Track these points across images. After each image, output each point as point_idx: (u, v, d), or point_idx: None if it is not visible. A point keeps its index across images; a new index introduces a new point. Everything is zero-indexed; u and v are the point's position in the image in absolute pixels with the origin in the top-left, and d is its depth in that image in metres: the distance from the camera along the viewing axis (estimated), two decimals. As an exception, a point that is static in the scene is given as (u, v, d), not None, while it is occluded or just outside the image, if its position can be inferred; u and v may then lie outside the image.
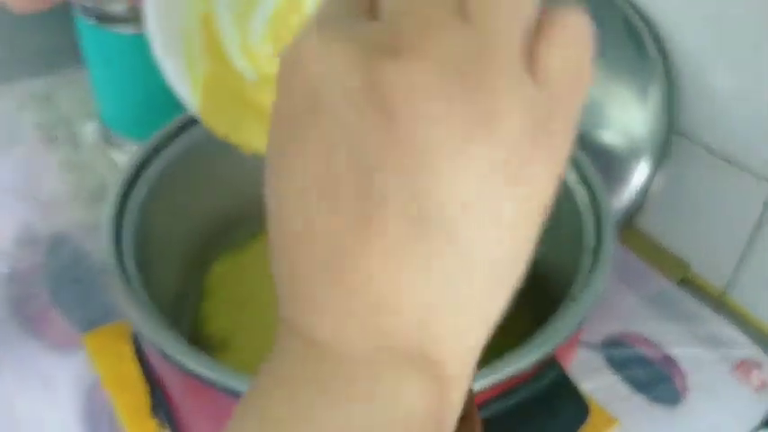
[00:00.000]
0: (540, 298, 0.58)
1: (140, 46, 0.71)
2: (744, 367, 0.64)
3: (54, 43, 0.87)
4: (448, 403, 0.23)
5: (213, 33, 0.37)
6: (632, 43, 0.67)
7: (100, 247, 0.49)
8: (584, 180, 0.54)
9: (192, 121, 0.58)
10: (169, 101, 0.63)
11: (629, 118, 0.66)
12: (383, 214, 0.21)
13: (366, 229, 0.21)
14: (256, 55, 0.37)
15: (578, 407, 0.45)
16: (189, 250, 0.60)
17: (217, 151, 0.59)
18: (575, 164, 0.56)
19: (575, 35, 0.22)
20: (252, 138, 0.38)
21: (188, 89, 0.37)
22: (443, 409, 0.23)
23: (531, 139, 0.21)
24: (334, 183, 0.21)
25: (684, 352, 0.65)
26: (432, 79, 0.20)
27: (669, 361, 0.64)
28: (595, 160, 0.56)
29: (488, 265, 0.22)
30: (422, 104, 0.20)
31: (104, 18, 0.71)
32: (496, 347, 0.58)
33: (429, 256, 0.21)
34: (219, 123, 0.38)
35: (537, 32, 0.21)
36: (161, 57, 0.36)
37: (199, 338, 0.58)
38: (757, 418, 0.61)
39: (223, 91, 0.38)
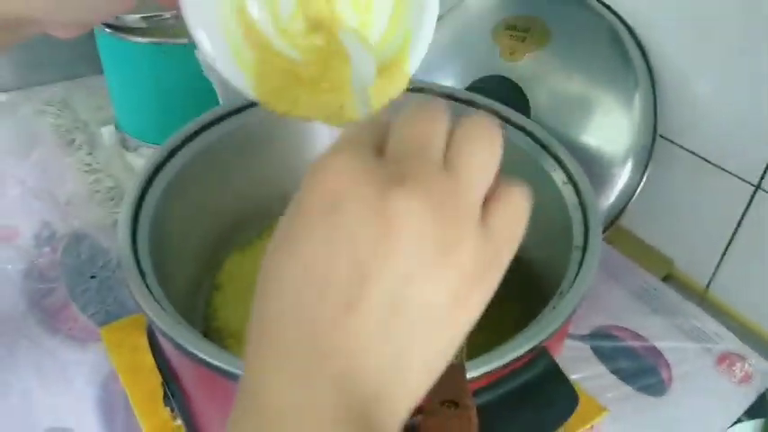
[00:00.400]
0: (531, 293, 0.59)
1: (155, 54, 0.74)
2: (727, 360, 0.65)
3: (73, 51, 0.88)
4: None
5: (249, 22, 0.39)
6: (616, 50, 0.68)
7: (116, 244, 0.49)
8: (572, 181, 0.55)
9: (204, 126, 0.59)
10: (182, 107, 0.65)
11: (614, 122, 0.67)
12: (366, 301, 0.26)
13: (350, 312, 0.26)
14: (291, 33, 0.39)
15: (568, 396, 0.46)
16: (201, 248, 0.60)
17: (228, 154, 0.61)
18: (563, 165, 0.56)
19: (516, 206, 0.29)
20: (309, 110, 0.40)
21: (241, 78, 0.39)
22: None
23: (475, 275, 0.28)
24: (331, 269, 0.27)
25: (669, 345, 0.66)
26: (422, 209, 0.26)
27: (655, 353, 0.65)
28: (583, 162, 0.56)
29: (428, 355, 0.28)
30: (413, 224, 0.26)
31: (121, 28, 0.72)
32: (491, 338, 0.60)
33: (393, 340, 0.27)
34: (278, 103, 0.40)
35: (490, 195, 0.29)
36: (212, 54, 0.38)
37: (210, 332, 0.58)
38: (740, 409, 0.62)
39: (274, 73, 0.39)
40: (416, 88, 0.64)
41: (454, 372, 0.41)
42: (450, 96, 0.64)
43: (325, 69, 0.39)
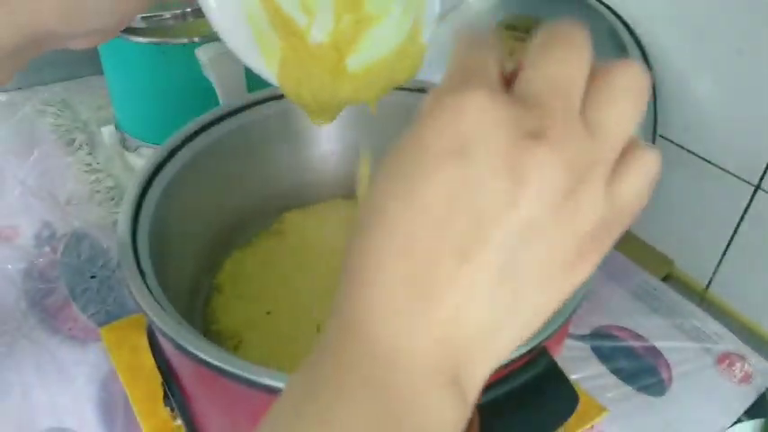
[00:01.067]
0: None
1: (155, 55, 0.74)
2: (727, 360, 0.65)
3: (73, 51, 0.88)
4: (461, 426, 0.27)
5: (274, 7, 0.39)
6: (616, 50, 0.68)
7: (116, 244, 0.49)
8: None
9: (204, 126, 0.59)
10: (183, 107, 0.65)
11: None
12: (482, 254, 0.25)
13: (465, 262, 0.25)
14: (313, 8, 0.39)
15: (568, 396, 0.46)
16: (201, 248, 0.60)
17: (228, 154, 0.61)
18: None
19: (646, 174, 0.27)
20: (338, 94, 0.40)
21: (262, 64, 0.39)
22: (459, 430, 0.27)
23: (592, 240, 0.26)
24: (450, 214, 0.25)
25: (669, 345, 0.66)
26: (556, 167, 0.25)
27: (655, 353, 0.65)
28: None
29: (526, 319, 0.27)
30: (544, 181, 0.25)
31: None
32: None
33: (499, 299, 0.26)
34: (301, 91, 0.40)
35: (623, 162, 0.27)
36: (228, 40, 0.38)
37: (210, 332, 0.58)
38: (740, 409, 0.62)
39: (301, 58, 0.39)
40: (416, 88, 0.65)
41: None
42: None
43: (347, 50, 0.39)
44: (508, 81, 0.27)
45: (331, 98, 0.41)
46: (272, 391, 0.40)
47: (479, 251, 0.25)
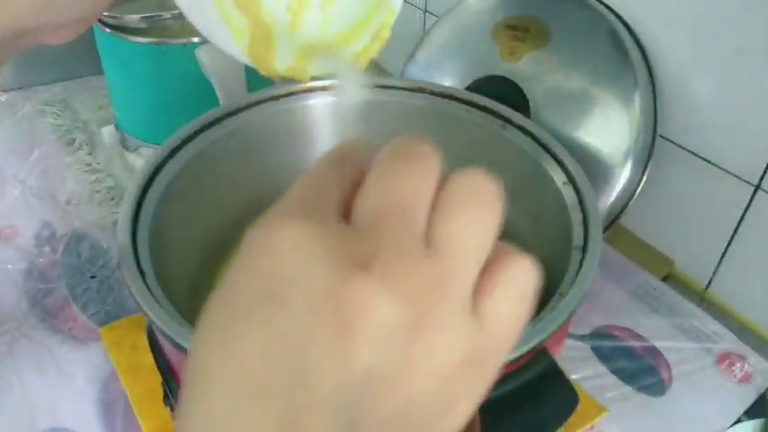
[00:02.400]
0: None
1: (155, 55, 0.74)
2: (727, 360, 0.65)
3: (73, 51, 0.89)
4: None
5: None
6: (616, 50, 0.68)
7: (116, 244, 0.49)
8: (572, 181, 0.55)
9: (204, 126, 0.59)
10: (182, 107, 0.65)
11: (614, 122, 0.67)
12: (314, 417, 0.21)
13: (293, 429, 0.21)
14: None
15: (568, 396, 0.46)
16: (201, 248, 0.60)
17: (228, 154, 0.61)
18: (563, 166, 0.56)
19: (521, 282, 0.23)
20: (312, 67, 0.40)
21: (229, 41, 0.39)
22: None
23: (463, 376, 0.22)
24: (269, 375, 0.21)
25: (669, 345, 0.66)
26: (392, 303, 0.21)
27: (654, 353, 0.65)
28: (583, 163, 0.56)
29: None
30: (379, 321, 0.20)
31: (121, 28, 0.72)
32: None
33: None
34: (271, 64, 0.40)
35: (488, 276, 0.23)
36: (189, 15, 0.38)
37: None
38: (740, 409, 0.61)
39: (267, 36, 0.39)
40: (416, 88, 0.65)
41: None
42: (449, 96, 0.64)
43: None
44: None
45: (299, 66, 0.41)
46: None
47: (308, 416, 0.21)
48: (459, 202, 0.23)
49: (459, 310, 0.22)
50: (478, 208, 0.23)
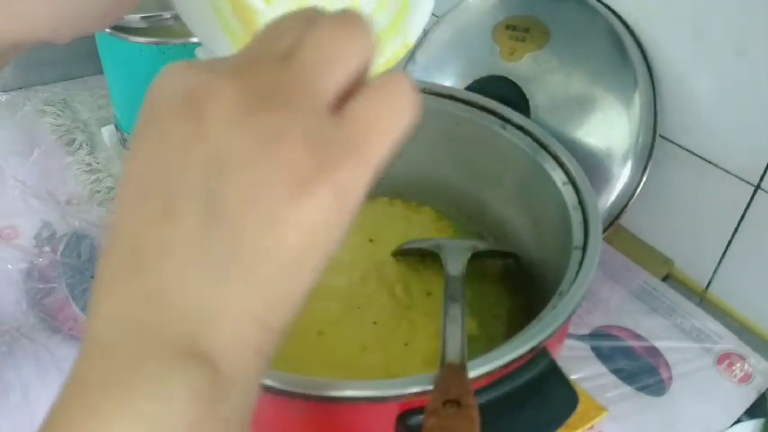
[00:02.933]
0: (531, 292, 0.59)
1: (155, 54, 0.74)
2: (726, 360, 0.65)
3: (73, 51, 0.89)
4: (224, 399, 0.24)
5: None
6: (616, 50, 0.68)
7: None
8: (572, 181, 0.55)
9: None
10: None
11: (614, 122, 0.67)
12: (179, 205, 0.23)
13: (165, 219, 0.24)
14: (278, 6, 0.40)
15: (568, 395, 0.46)
16: None
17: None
18: (563, 165, 0.57)
19: (385, 94, 0.25)
20: None
21: (228, 49, 0.39)
22: (217, 406, 0.24)
23: (315, 166, 0.23)
24: (147, 176, 0.24)
25: (669, 345, 0.66)
26: (235, 94, 0.23)
27: (654, 353, 0.65)
28: (582, 162, 0.56)
29: (267, 273, 0.24)
30: (222, 109, 0.23)
31: (121, 28, 0.72)
32: (490, 338, 0.60)
33: (214, 247, 0.23)
34: None
35: (358, 87, 0.25)
36: (194, 29, 0.38)
37: None
38: (740, 409, 0.61)
39: None
40: (417, 88, 0.64)
41: (456, 372, 0.41)
42: (450, 96, 0.64)
43: None
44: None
45: None
46: (270, 392, 0.39)
47: (175, 200, 0.23)
48: (322, 28, 0.25)
49: (313, 105, 0.24)
50: (336, 29, 0.25)
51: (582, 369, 0.64)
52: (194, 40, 0.72)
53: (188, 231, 0.23)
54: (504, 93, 0.69)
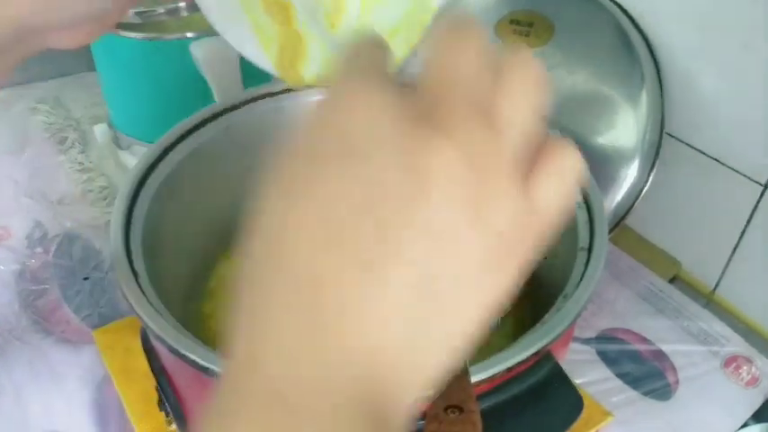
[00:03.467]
0: (535, 295, 0.59)
1: (149, 51, 0.73)
2: (734, 363, 0.65)
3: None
4: None
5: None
6: (622, 46, 0.67)
7: (109, 245, 0.49)
8: None
9: (199, 124, 0.59)
10: (177, 104, 0.65)
11: (620, 120, 0.67)
12: (390, 261, 0.22)
13: (370, 275, 0.22)
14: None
15: (573, 400, 0.46)
16: (196, 248, 0.60)
17: (223, 152, 0.60)
18: None
19: (568, 167, 0.25)
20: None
21: (259, 52, 0.38)
22: None
23: (511, 241, 0.24)
24: (346, 224, 0.22)
25: (676, 348, 0.66)
26: (461, 163, 0.22)
27: (661, 356, 0.65)
28: (588, 161, 0.55)
29: (448, 342, 0.24)
30: (449, 178, 0.22)
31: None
32: (494, 341, 0.59)
33: (415, 313, 0.23)
34: (299, 73, 0.39)
35: (538, 155, 0.25)
36: (225, 33, 0.37)
37: (204, 334, 0.57)
38: (747, 413, 0.61)
39: (296, 45, 0.39)
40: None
41: (458, 376, 0.40)
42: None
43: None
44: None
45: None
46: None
47: (387, 258, 0.22)
48: (514, 78, 0.25)
49: (513, 180, 0.24)
50: (533, 92, 0.25)
51: (587, 373, 0.63)
52: (189, 35, 0.71)
53: (393, 291, 0.22)
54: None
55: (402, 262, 0.22)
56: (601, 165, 0.66)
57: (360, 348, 0.23)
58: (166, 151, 0.56)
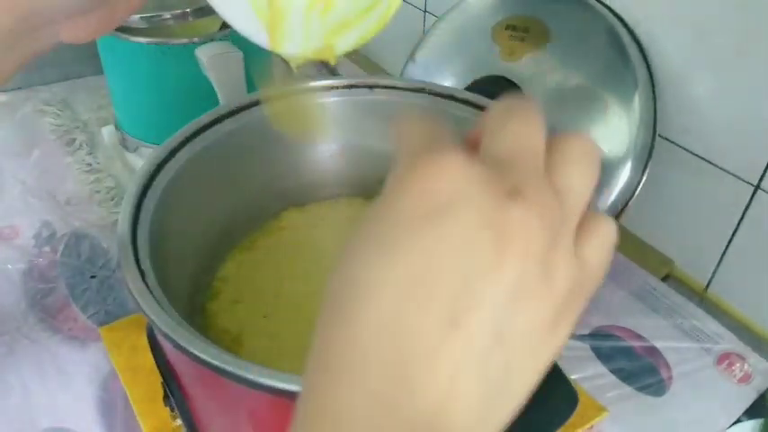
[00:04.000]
0: None
1: (155, 54, 0.74)
2: (726, 360, 0.65)
3: (73, 51, 0.89)
4: None
5: None
6: (616, 50, 0.68)
7: (116, 244, 0.49)
8: None
9: (204, 126, 0.59)
10: (182, 106, 0.65)
11: (613, 122, 0.67)
12: (473, 319, 0.23)
13: (454, 330, 0.23)
14: None
15: (568, 396, 0.46)
16: (202, 248, 0.60)
17: (228, 154, 0.61)
18: None
19: (606, 237, 0.27)
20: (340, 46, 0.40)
21: (254, 28, 0.39)
22: None
23: (567, 302, 0.26)
24: (435, 279, 0.23)
25: (669, 345, 0.66)
26: (538, 229, 0.24)
27: (654, 353, 0.65)
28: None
29: (516, 395, 0.26)
30: (528, 243, 0.24)
31: (121, 28, 0.72)
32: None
33: (492, 367, 0.24)
34: (288, 47, 0.40)
35: (587, 226, 0.27)
36: (233, 23, 0.38)
37: (210, 332, 0.58)
38: (740, 409, 0.62)
39: (280, 19, 0.39)
40: (415, 88, 0.65)
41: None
42: (449, 96, 0.64)
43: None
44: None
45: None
46: (272, 392, 0.39)
47: (471, 314, 0.23)
48: (571, 152, 0.26)
49: (570, 248, 0.26)
50: (583, 167, 0.27)
51: (582, 369, 0.64)
52: (195, 40, 0.72)
53: (474, 346, 0.24)
54: (503, 93, 0.69)
55: (482, 316, 0.24)
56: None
57: (441, 400, 0.24)
58: (173, 153, 0.56)
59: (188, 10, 0.68)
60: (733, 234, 0.69)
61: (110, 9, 0.44)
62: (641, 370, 0.64)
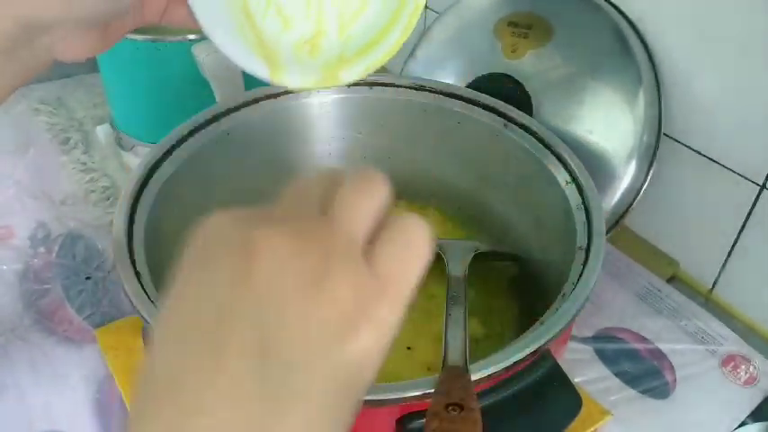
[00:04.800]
0: (533, 294, 0.59)
1: (151, 52, 0.73)
2: (731, 362, 0.65)
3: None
4: None
5: (251, 17, 0.39)
6: (620, 47, 0.67)
7: (111, 245, 0.49)
8: (576, 181, 0.55)
9: (200, 125, 0.59)
10: (179, 105, 0.65)
11: (618, 120, 0.66)
12: (232, 343, 0.25)
13: (214, 356, 0.25)
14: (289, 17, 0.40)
15: (571, 399, 0.46)
16: None
17: (225, 153, 0.61)
18: (566, 165, 0.56)
19: (407, 241, 0.28)
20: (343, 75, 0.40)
21: (256, 64, 0.39)
22: None
23: (359, 308, 0.26)
24: (197, 317, 0.26)
25: (674, 347, 0.66)
26: (283, 243, 0.26)
27: (659, 355, 0.65)
28: (586, 162, 0.56)
29: (315, 403, 0.26)
30: (273, 256, 0.25)
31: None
32: (493, 340, 0.60)
33: (267, 392, 0.25)
34: (290, 80, 0.40)
35: (380, 229, 0.28)
36: (222, 44, 0.38)
37: None
38: (745, 411, 0.61)
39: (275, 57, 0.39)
40: (417, 86, 0.65)
41: (459, 375, 0.41)
42: (451, 94, 0.64)
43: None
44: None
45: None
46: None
47: (227, 341, 0.25)
48: (348, 187, 0.29)
49: (349, 254, 0.27)
50: (363, 188, 0.29)
51: (585, 372, 0.63)
52: (191, 37, 0.71)
53: (242, 370, 0.25)
54: (506, 90, 0.69)
55: (239, 335, 0.25)
56: (599, 165, 0.66)
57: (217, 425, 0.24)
58: (169, 152, 0.56)
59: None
60: (738, 234, 0.68)
61: (107, 27, 0.44)
62: (645, 372, 0.64)
